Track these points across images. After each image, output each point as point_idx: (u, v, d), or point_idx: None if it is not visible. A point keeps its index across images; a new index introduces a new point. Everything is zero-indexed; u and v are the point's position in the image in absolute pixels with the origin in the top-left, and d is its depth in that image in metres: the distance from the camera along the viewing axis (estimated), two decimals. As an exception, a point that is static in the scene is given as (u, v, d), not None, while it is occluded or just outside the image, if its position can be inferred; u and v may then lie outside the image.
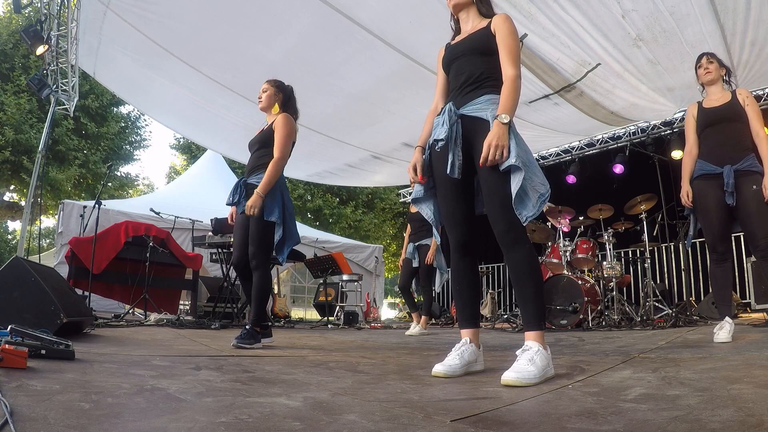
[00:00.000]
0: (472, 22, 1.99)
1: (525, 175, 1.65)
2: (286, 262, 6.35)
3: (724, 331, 2.72)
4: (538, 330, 1.67)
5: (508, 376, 1.52)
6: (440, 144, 1.82)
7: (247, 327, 2.76)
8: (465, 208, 1.89)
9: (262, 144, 3.03)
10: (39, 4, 5.74)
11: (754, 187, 2.70)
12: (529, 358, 1.58)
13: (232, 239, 5.04)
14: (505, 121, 1.69)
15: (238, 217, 3.09)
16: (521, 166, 1.65)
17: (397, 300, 18.33)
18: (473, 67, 1.89)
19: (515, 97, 1.76)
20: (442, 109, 1.88)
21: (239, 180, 3.12)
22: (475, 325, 1.89)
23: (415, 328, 4.72)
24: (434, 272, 4.83)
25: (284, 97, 3.17)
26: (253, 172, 3.03)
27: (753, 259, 5.22)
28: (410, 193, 10.60)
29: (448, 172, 1.80)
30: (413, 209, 5.09)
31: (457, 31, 2.07)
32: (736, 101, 2.90)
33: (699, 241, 5.79)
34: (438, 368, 1.73)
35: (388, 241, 18.29)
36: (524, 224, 1.70)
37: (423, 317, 4.79)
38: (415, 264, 4.87)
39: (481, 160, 1.70)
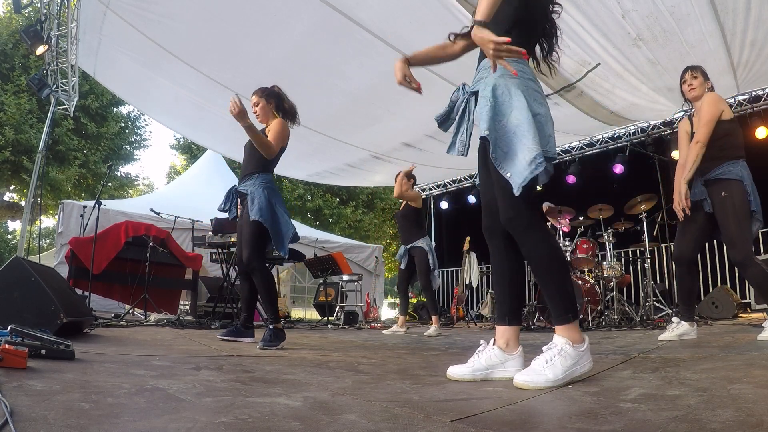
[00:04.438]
0: None
1: (507, 140, 1.59)
2: (285, 261, 6.37)
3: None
4: (565, 323, 1.52)
5: (519, 378, 1.46)
6: (444, 125, 1.74)
7: (270, 327, 2.79)
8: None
9: (254, 147, 3.01)
10: (39, 4, 5.73)
11: (723, 194, 2.74)
12: (547, 360, 1.48)
13: (232, 239, 5.05)
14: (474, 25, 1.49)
15: (238, 222, 3.15)
16: (489, 136, 1.57)
17: (397, 300, 18.28)
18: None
19: None
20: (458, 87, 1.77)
21: (232, 187, 3.17)
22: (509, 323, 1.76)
23: (431, 329, 4.51)
24: (431, 273, 4.80)
25: (277, 102, 3.13)
26: (244, 179, 3.06)
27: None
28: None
29: (446, 151, 1.71)
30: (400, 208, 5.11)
31: None
32: None
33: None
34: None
35: (388, 241, 18.27)
36: (516, 193, 1.50)
37: (434, 317, 4.75)
38: (402, 266, 4.85)
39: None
